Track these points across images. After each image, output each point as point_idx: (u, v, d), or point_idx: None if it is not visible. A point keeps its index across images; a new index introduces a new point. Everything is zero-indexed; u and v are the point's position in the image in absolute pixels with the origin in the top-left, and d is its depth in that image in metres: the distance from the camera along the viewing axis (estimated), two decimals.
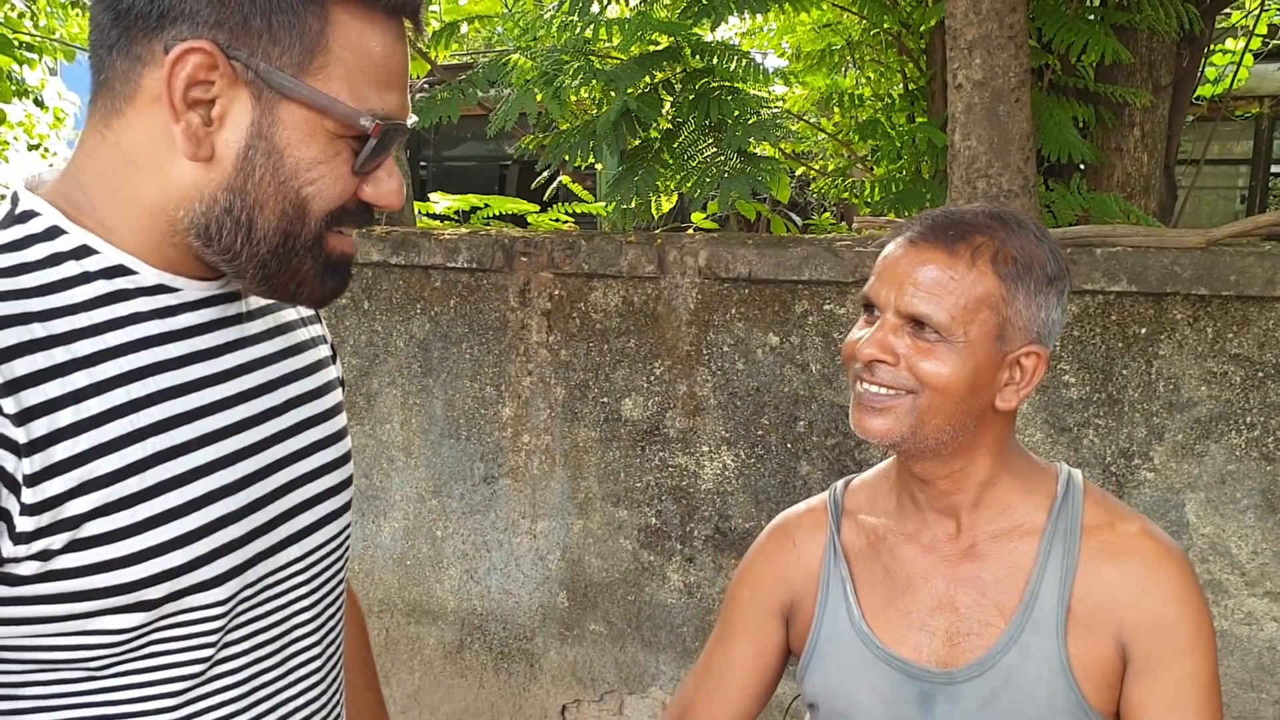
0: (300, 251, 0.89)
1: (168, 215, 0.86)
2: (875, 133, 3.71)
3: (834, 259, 2.58)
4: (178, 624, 0.87)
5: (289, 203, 0.86)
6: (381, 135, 0.87)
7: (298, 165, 0.85)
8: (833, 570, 1.31)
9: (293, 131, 0.84)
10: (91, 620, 0.82)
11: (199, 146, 0.83)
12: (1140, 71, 3.36)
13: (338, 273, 0.93)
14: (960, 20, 2.75)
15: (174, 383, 0.88)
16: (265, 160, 0.84)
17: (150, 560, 0.83)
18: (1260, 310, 2.29)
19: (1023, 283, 1.16)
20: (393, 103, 0.88)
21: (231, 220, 0.85)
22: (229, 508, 0.90)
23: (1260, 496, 2.32)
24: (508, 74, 3.36)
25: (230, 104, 0.83)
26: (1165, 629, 1.17)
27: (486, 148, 8.97)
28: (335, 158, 0.87)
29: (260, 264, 0.88)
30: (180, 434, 0.87)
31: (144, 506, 0.83)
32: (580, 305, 2.85)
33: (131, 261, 0.87)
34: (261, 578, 0.94)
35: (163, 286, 0.89)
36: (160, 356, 0.87)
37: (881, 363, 1.16)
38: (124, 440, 0.83)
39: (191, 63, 0.81)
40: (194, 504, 0.87)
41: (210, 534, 0.88)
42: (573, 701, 3.01)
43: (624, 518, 2.87)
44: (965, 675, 1.21)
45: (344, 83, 0.85)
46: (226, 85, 0.83)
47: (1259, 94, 6.24)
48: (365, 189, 0.90)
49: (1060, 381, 2.44)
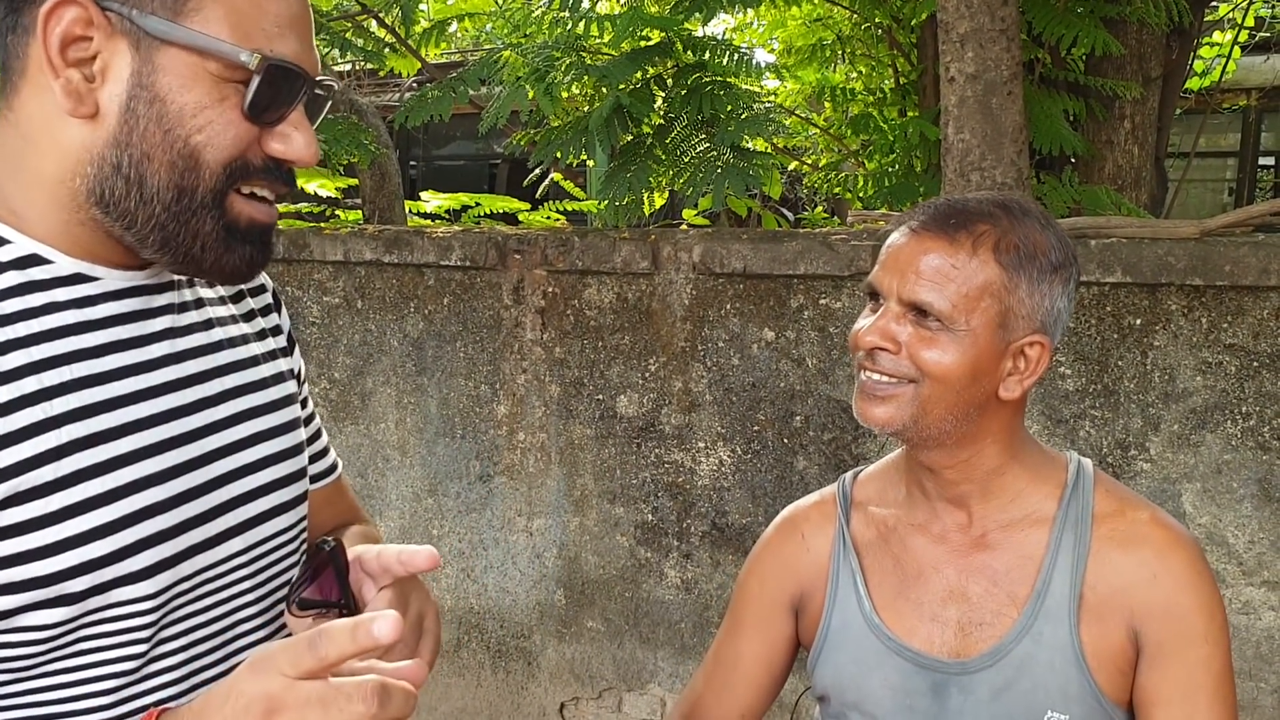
0: (198, 210, 0.85)
1: (67, 187, 0.84)
2: (867, 127, 3.71)
3: (829, 253, 2.58)
4: (106, 619, 0.84)
5: (177, 152, 0.83)
6: (272, 77, 0.83)
7: (182, 111, 0.83)
8: (842, 562, 1.30)
9: (174, 77, 0.82)
10: (14, 618, 0.80)
11: (80, 102, 0.81)
12: (1130, 64, 3.37)
13: (250, 240, 0.89)
14: (952, 14, 2.75)
15: (91, 371, 0.85)
16: (148, 109, 0.82)
17: (69, 551, 0.81)
18: (1254, 300, 2.29)
19: (1025, 271, 1.15)
20: (286, 46, 0.85)
21: (122, 178, 0.83)
22: (156, 497, 0.87)
23: (1256, 486, 2.33)
24: (498, 71, 3.35)
25: (111, 57, 0.81)
26: (1177, 616, 1.17)
27: (476, 146, 8.96)
28: (222, 102, 0.84)
29: (158, 225, 0.85)
30: (99, 422, 0.84)
31: (59, 496, 0.81)
32: (574, 302, 2.84)
33: (46, 251, 0.85)
34: (199, 570, 0.91)
35: (80, 276, 0.87)
36: (76, 345, 0.85)
37: (884, 351, 1.16)
38: (35, 429, 0.81)
39: (66, 18, 0.79)
40: (115, 493, 0.84)
41: (135, 524, 0.85)
42: (571, 699, 3.00)
43: (620, 514, 2.86)
44: (978, 665, 1.21)
45: (224, 23, 0.82)
46: (105, 38, 0.81)
47: (1247, 86, 6.27)
48: (273, 144, 0.87)
49: (1056, 373, 2.45)
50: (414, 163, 9.27)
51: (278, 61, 0.84)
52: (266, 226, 0.91)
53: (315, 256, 3.08)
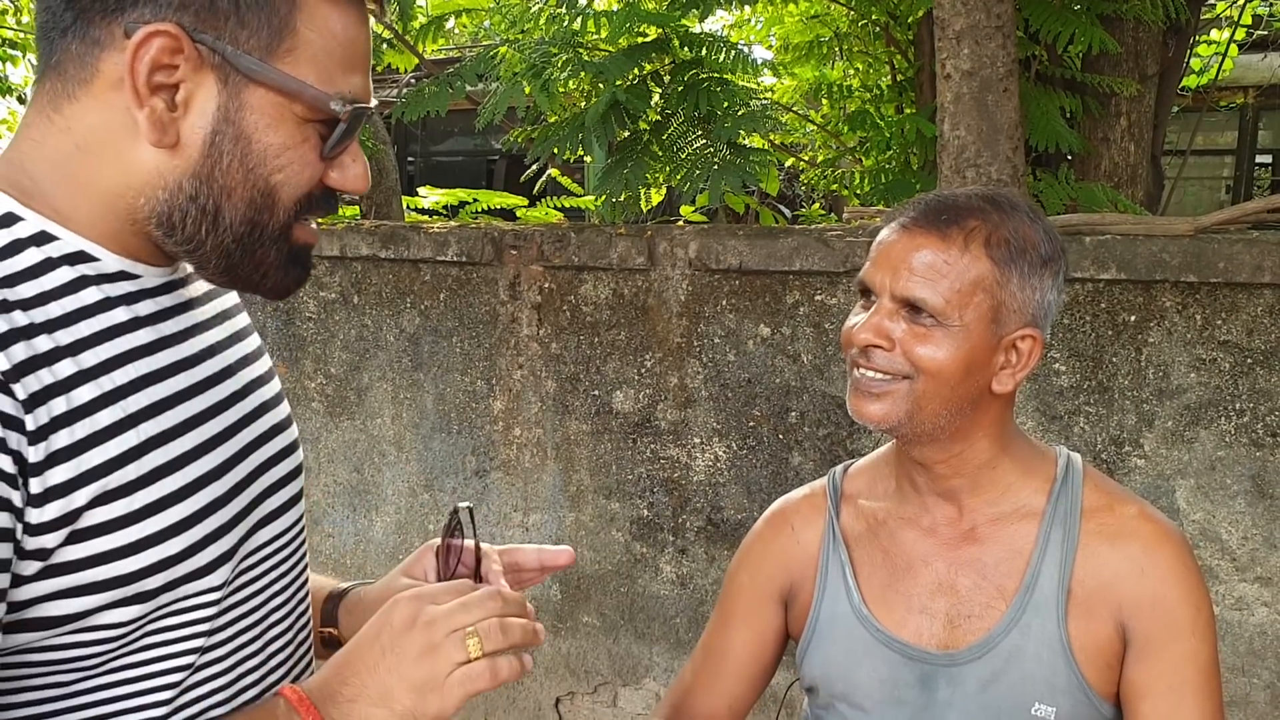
0: (266, 242, 0.86)
1: (128, 203, 0.84)
2: (864, 124, 3.72)
3: (825, 249, 2.59)
4: (173, 613, 0.85)
5: (257, 190, 0.84)
6: (350, 119, 0.85)
7: (266, 151, 0.83)
8: (832, 554, 1.31)
9: (260, 116, 0.82)
10: (91, 617, 0.80)
11: (164, 133, 0.81)
12: (1127, 61, 3.38)
13: (300, 263, 0.91)
14: (948, 10, 2.76)
15: (150, 369, 0.85)
16: (233, 146, 0.82)
17: (149, 549, 0.81)
18: (1248, 297, 2.30)
19: (1016, 265, 1.16)
20: (358, 85, 0.86)
21: (197, 209, 0.83)
22: (216, 492, 0.88)
23: (1250, 482, 2.33)
24: (495, 67, 3.35)
25: (196, 88, 0.81)
26: (1164, 610, 1.17)
27: (474, 142, 8.96)
28: (304, 143, 0.85)
29: (224, 254, 0.86)
30: (167, 419, 0.85)
31: (141, 494, 0.81)
32: (570, 298, 2.85)
33: (92, 248, 0.84)
34: (251, 553, 0.93)
35: (124, 273, 0.86)
36: (132, 343, 0.85)
37: (877, 348, 1.16)
38: (116, 428, 0.81)
39: (155, 46, 0.78)
40: (186, 490, 0.85)
41: (202, 519, 0.86)
42: (566, 694, 3.01)
43: (616, 510, 2.86)
44: (966, 657, 1.21)
45: (311, 66, 0.82)
46: (191, 69, 0.80)
47: (1243, 84, 6.27)
48: (331, 175, 0.88)
49: (1051, 370, 2.45)
50: (411, 158, 9.26)
51: (359, 107, 0.85)
52: (312, 246, 0.93)
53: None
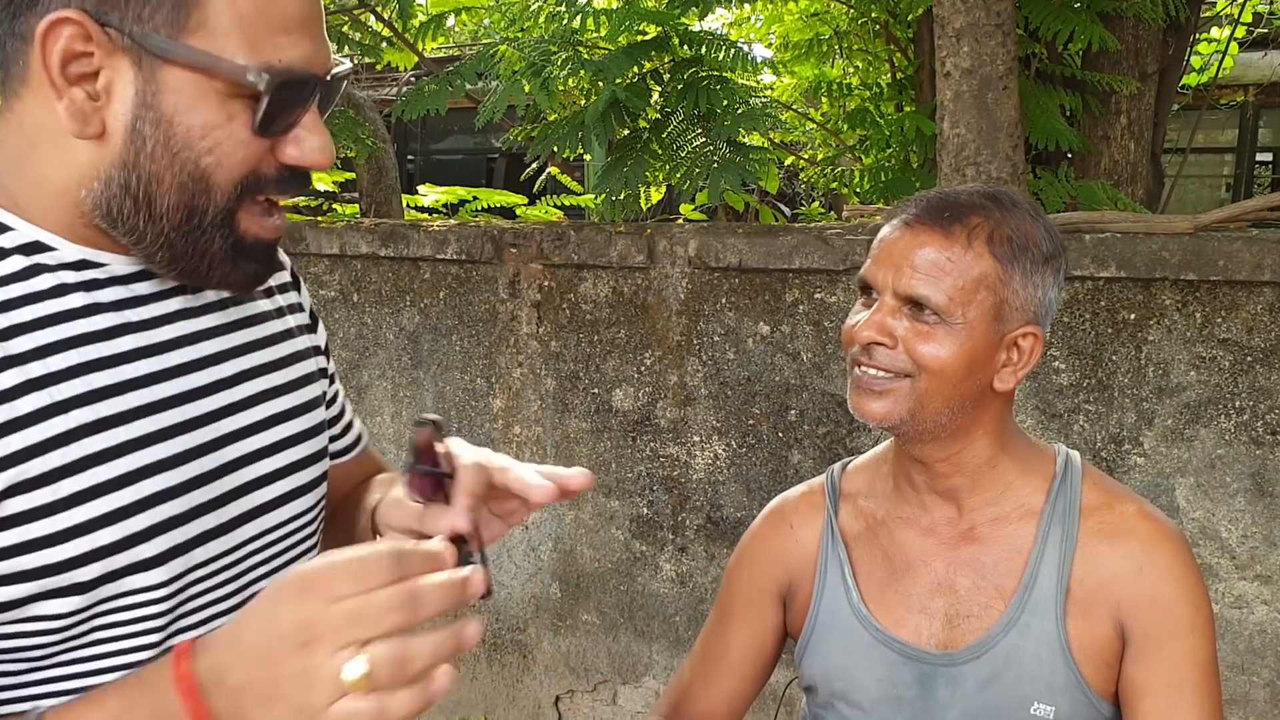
0: (208, 229, 0.83)
1: (72, 195, 0.82)
2: (864, 122, 3.72)
3: (824, 247, 2.58)
4: (119, 607, 0.83)
5: (187, 174, 0.81)
6: (282, 90, 0.80)
7: (190, 133, 0.80)
8: (830, 553, 1.31)
9: (179, 97, 0.79)
10: (26, 607, 0.79)
11: (86, 123, 0.79)
12: (1127, 59, 3.37)
13: (254, 258, 0.88)
14: (948, 8, 2.75)
15: (101, 354, 0.83)
16: (154, 131, 0.79)
17: (78, 538, 0.80)
18: (1248, 295, 2.30)
19: (1019, 263, 1.16)
20: (297, 52, 0.81)
21: (130, 198, 0.81)
22: (168, 482, 0.85)
23: (1250, 480, 2.33)
24: (495, 65, 3.35)
25: (114, 75, 0.78)
26: (1163, 608, 1.17)
27: (474, 140, 8.96)
28: (231, 120, 0.81)
29: (167, 244, 0.83)
30: (108, 406, 0.83)
31: (68, 482, 0.79)
32: (570, 296, 2.85)
33: (49, 238, 0.83)
34: (216, 555, 0.90)
35: (86, 262, 0.85)
36: (85, 329, 0.83)
37: (880, 345, 1.16)
38: (41, 414, 0.79)
39: (64, 35, 0.76)
40: (125, 478, 0.82)
41: (145, 509, 0.83)
42: (566, 692, 3.01)
43: (616, 508, 2.86)
44: (965, 657, 1.21)
45: (230, 36, 0.78)
46: (105, 55, 0.78)
47: (1244, 82, 6.26)
48: (287, 150, 0.84)
49: (1050, 368, 2.45)
50: (411, 157, 9.26)
51: (288, 74, 0.81)
52: (270, 241, 0.89)
53: (311, 250, 3.08)
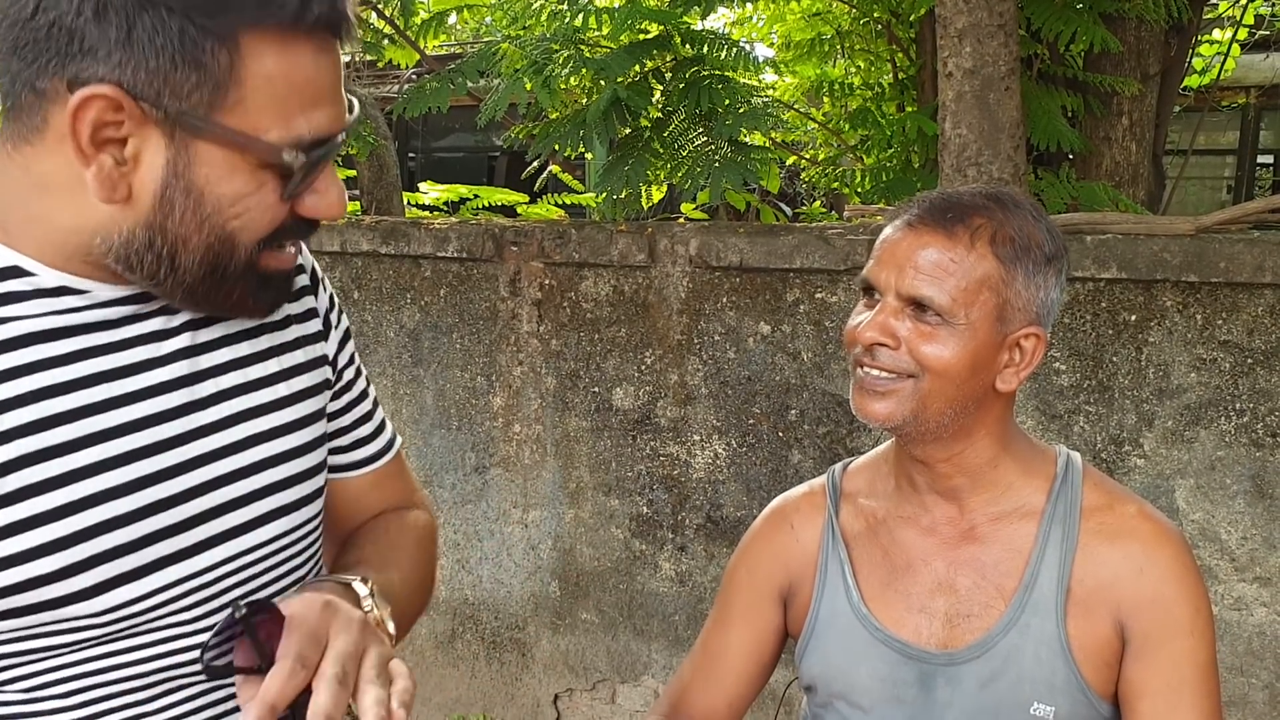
0: (231, 279, 0.85)
1: (83, 239, 0.82)
2: (865, 121, 3.71)
3: (825, 247, 2.58)
4: (58, 630, 0.83)
5: (214, 237, 0.82)
6: (305, 168, 0.82)
7: (220, 201, 0.81)
8: (831, 553, 1.31)
9: (211, 169, 0.80)
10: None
11: (114, 189, 0.79)
12: (1129, 60, 3.37)
13: (272, 287, 0.89)
14: (950, 8, 2.75)
15: (58, 380, 0.83)
16: (184, 199, 0.80)
17: (14, 568, 0.79)
18: (1249, 297, 2.30)
19: (1021, 263, 1.16)
20: (323, 119, 0.83)
21: (154, 255, 0.82)
22: (116, 510, 0.84)
23: (1250, 482, 2.33)
24: (497, 63, 3.35)
25: (143, 143, 0.79)
26: (1163, 609, 1.17)
27: (475, 138, 8.95)
28: (261, 189, 0.82)
29: (188, 289, 0.84)
30: (55, 435, 0.82)
31: (4, 512, 0.79)
32: (571, 295, 2.85)
33: (28, 263, 0.83)
34: (182, 579, 0.89)
35: (65, 288, 0.85)
36: (43, 354, 0.83)
37: (883, 346, 1.16)
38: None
39: (95, 108, 0.76)
40: (66, 509, 0.81)
41: (86, 539, 0.82)
42: (565, 690, 3.01)
43: (615, 507, 2.86)
44: (965, 656, 1.21)
45: (265, 112, 0.79)
46: (136, 125, 0.78)
47: (1245, 84, 6.26)
48: (305, 202, 0.86)
49: (1051, 369, 2.45)
50: (412, 154, 9.25)
51: (319, 149, 0.82)
52: (287, 271, 0.90)
53: (311, 247, 3.06)
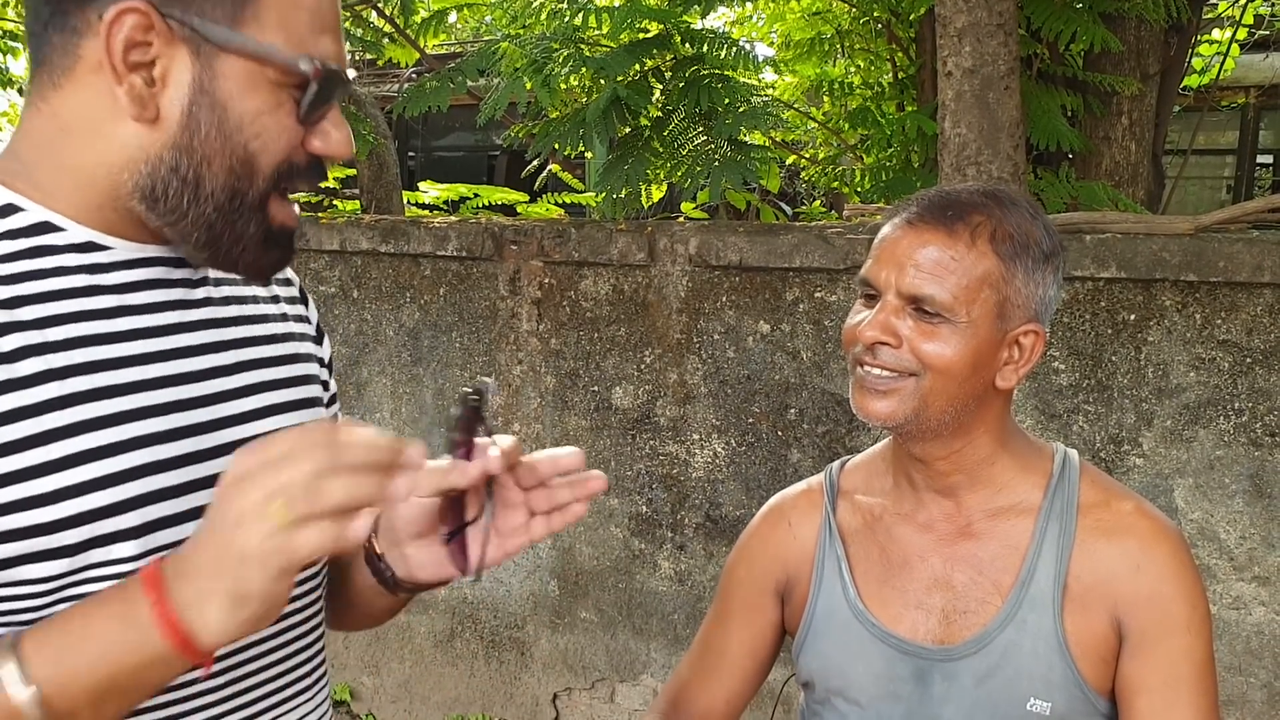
0: (246, 212, 0.88)
1: (111, 179, 0.87)
2: (865, 121, 3.72)
3: (825, 246, 2.58)
4: (98, 577, 0.85)
5: (236, 158, 0.86)
6: (323, 82, 0.87)
7: (242, 118, 0.85)
8: (828, 549, 1.31)
9: (234, 84, 0.85)
10: (12, 569, 0.82)
11: (144, 107, 0.84)
12: (1128, 60, 3.37)
13: (279, 244, 0.93)
14: (950, 7, 2.76)
15: (99, 331, 0.87)
16: (209, 115, 0.85)
17: (67, 500, 0.83)
18: (1248, 296, 2.30)
19: (1021, 261, 1.16)
20: (329, 48, 0.88)
21: (179, 179, 0.86)
22: (159, 455, 0.88)
23: (1248, 482, 2.33)
24: (497, 62, 3.35)
25: (170, 63, 0.84)
26: (1160, 606, 1.17)
27: (475, 137, 8.95)
28: (279, 108, 0.87)
29: (207, 225, 0.88)
30: (105, 378, 0.87)
31: (60, 445, 0.83)
32: (570, 294, 2.85)
33: (58, 219, 0.88)
34: None
35: (92, 244, 0.89)
36: (86, 306, 0.87)
37: (884, 345, 1.15)
38: (38, 378, 0.83)
39: (128, 24, 0.81)
40: (117, 446, 0.86)
41: (134, 479, 0.86)
42: (564, 689, 3.01)
43: (615, 506, 2.87)
44: (962, 652, 1.21)
45: (278, 29, 0.85)
46: (164, 44, 0.83)
47: (1245, 84, 6.27)
48: (313, 141, 0.90)
49: (1050, 368, 2.45)
50: (412, 153, 9.25)
51: (331, 70, 0.87)
52: (292, 229, 0.94)
53: (311, 246, 3.08)
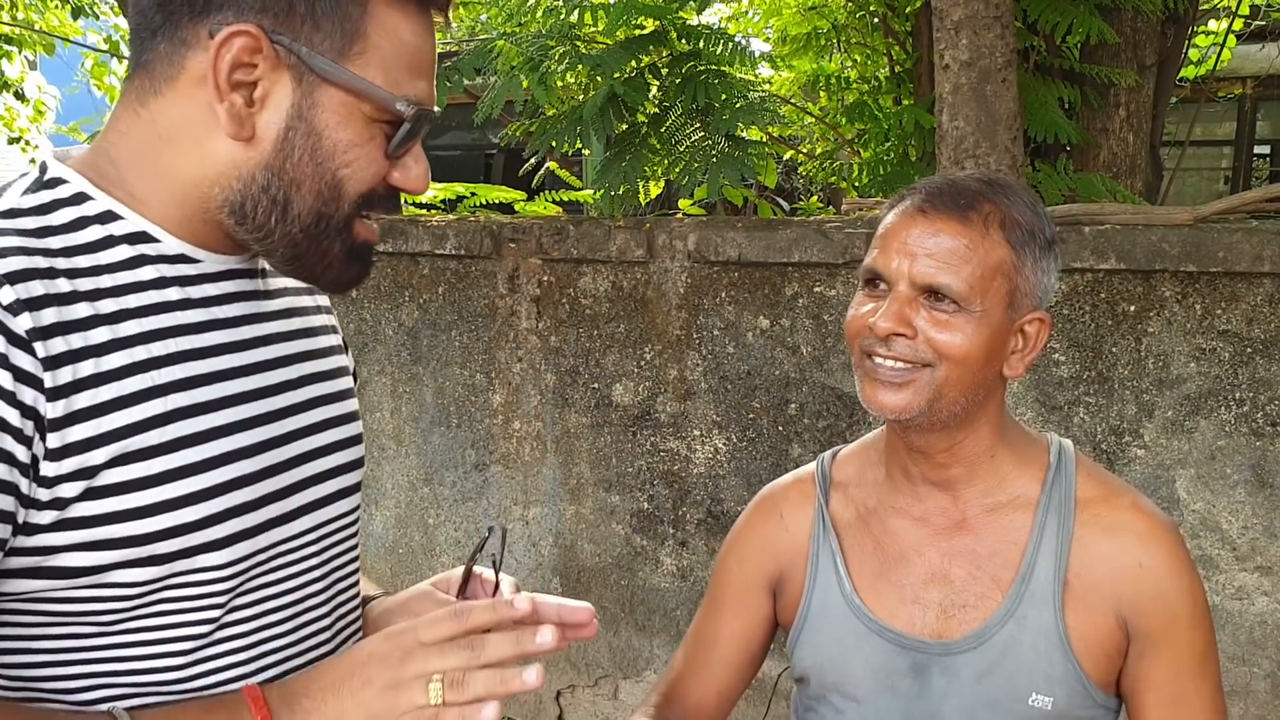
0: (331, 233, 0.92)
1: (202, 191, 0.90)
2: (862, 115, 3.71)
3: (823, 241, 2.58)
4: (186, 583, 0.89)
5: (325, 184, 0.90)
6: (414, 121, 0.91)
7: (335, 147, 0.89)
8: (822, 542, 1.30)
9: (331, 114, 0.88)
10: (105, 574, 0.85)
11: (241, 126, 0.87)
12: (1125, 52, 3.37)
13: (361, 259, 0.97)
14: (946, 1, 2.75)
15: (193, 345, 0.91)
16: (304, 141, 0.88)
17: (164, 514, 0.86)
18: (1248, 286, 2.29)
19: (1029, 249, 1.16)
20: (422, 90, 0.92)
21: (269, 199, 0.89)
22: (243, 470, 0.92)
23: (1250, 472, 2.33)
24: (493, 61, 3.35)
25: (272, 86, 0.87)
26: (1165, 605, 1.17)
27: (472, 136, 8.94)
28: (370, 141, 0.91)
29: (292, 243, 0.92)
30: (200, 394, 0.90)
31: (160, 460, 0.86)
32: (569, 291, 2.84)
33: (154, 230, 0.91)
34: (275, 543, 0.96)
35: (184, 256, 0.92)
36: (181, 320, 0.91)
37: (899, 336, 1.14)
38: (143, 394, 0.86)
39: (237, 45, 0.85)
40: (210, 462, 0.90)
41: (224, 494, 0.90)
42: (567, 687, 3.01)
43: (616, 503, 2.86)
44: (961, 647, 1.21)
45: (380, 69, 0.89)
46: (269, 68, 0.87)
47: (1242, 75, 6.26)
48: (394, 174, 0.94)
49: (1050, 360, 2.45)
50: None
51: (423, 109, 0.91)
52: (372, 244, 0.98)
53: None
